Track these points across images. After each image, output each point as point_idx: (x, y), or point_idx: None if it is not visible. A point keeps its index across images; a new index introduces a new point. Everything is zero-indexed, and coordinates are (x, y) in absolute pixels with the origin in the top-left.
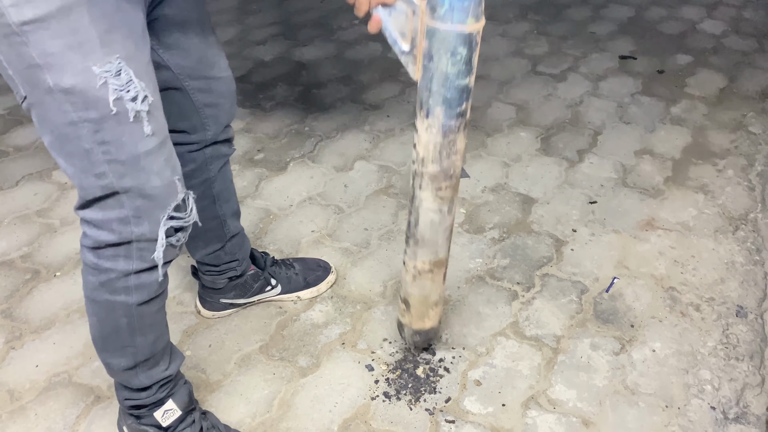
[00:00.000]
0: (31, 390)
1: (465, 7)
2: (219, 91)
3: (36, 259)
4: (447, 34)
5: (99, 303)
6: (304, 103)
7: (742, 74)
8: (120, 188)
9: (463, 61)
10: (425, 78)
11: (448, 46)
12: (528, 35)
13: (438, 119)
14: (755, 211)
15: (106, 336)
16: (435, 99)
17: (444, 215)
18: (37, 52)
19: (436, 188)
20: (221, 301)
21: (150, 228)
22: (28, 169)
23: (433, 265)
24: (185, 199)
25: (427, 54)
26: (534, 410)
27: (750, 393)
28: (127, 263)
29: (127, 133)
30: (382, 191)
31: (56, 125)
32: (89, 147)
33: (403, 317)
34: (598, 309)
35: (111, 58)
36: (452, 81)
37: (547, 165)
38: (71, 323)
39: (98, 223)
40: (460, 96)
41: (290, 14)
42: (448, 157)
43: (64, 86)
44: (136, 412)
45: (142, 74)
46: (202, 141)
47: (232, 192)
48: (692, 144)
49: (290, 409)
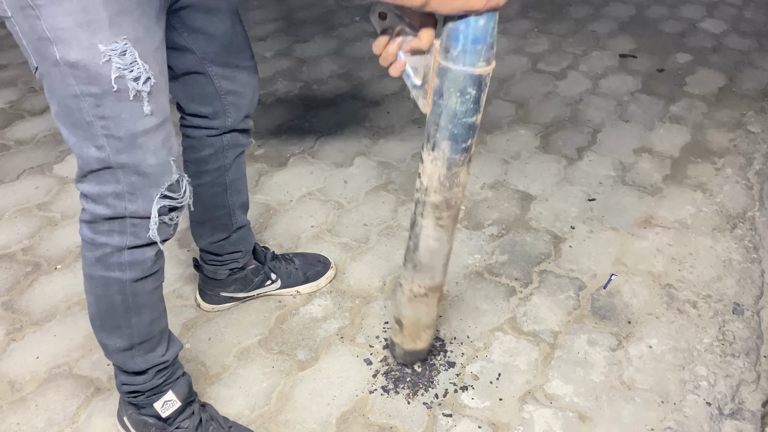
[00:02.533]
0: (31, 381)
1: (477, 50)
2: (242, 79)
3: (37, 252)
4: (458, 74)
5: (95, 279)
6: (304, 99)
7: (741, 73)
8: (116, 163)
9: (471, 100)
10: (434, 113)
11: (458, 86)
12: (528, 33)
13: (444, 153)
14: (753, 210)
15: (103, 314)
16: (442, 134)
17: (443, 243)
18: (47, 26)
19: (437, 217)
20: (221, 294)
21: (143, 205)
22: (29, 163)
23: (428, 290)
24: (179, 180)
25: (437, 91)
26: (531, 405)
27: (745, 389)
28: (121, 238)
29: (126, 110)
30: (381, 187)
31: (61, 96)
32: (90, 120)
33: (396, 337)
34: (596, 305)
35: (118, 38)
36: (460, 118)
37: (547, 162)
38: (72, 315)
39: (95, 197)
40: (467, 132)
41: (291, 10)
42: (450, 189)
43: (69, 60)
44: (134, 400)
45: (148, 57)
46: (221, 127)
47: (244, 184)
48: (691, 142)
49: (289, 402)
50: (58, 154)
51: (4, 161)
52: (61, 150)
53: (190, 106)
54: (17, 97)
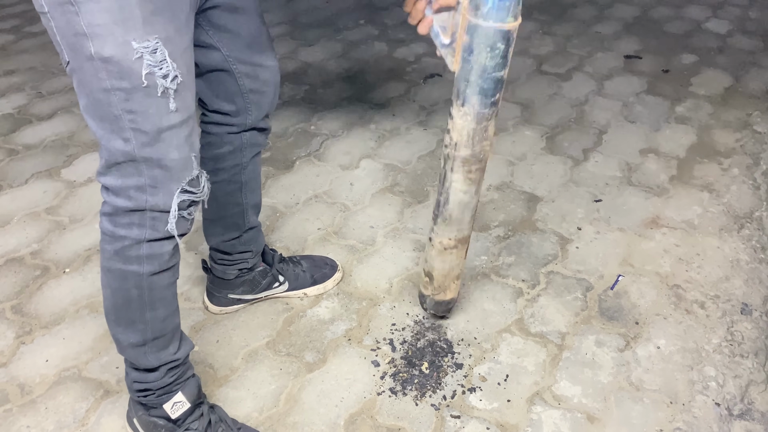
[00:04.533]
0: (41, 384)
1: (506, 6)
2: (264, 78)
3: (45, 255)
4: (488, 30)
5: (113, 272)
6: (310, 103)
7: (747, 73)
8: (140, 156)
9: (501, 55)
10: (464, 69)
11: (488, 42)
12: (533, 35)
13: (474, 107)
14: (760, 210)
15: (119, 308)
16: (472, 89)
17: (471, 195)
18: (85, 22)
19: (466, 171)
20: (229, 296)
21: (164, 199)
22: (38, 167)
23: (458, 242)
24: (199, 176)
25: (467, 48)
26: (539, 406)
27: (755, 390)
28: (140, 231)
29: (153, 106)
30: (387, 189)
31: (92, 90)
32: (118, 113)
33: (426, 289)
34: (603, 306)
35: (150, 37)
36: (490, 73)
37: (552, 163)
38: (80, 318)
39: (117, 189)
40: (495, 86)
41: (296, 14)
42: (480, 143)
43: (104, 55)
44: (144, 399)
45: (177, 57)
46: (242, 125)
47: (258, 184)
48: (697, 143)
49: (297, 403)
50: (66, 158)
51: (12, 166)
52: (69, 154)
53: (214, 103)
54: (25, 102)
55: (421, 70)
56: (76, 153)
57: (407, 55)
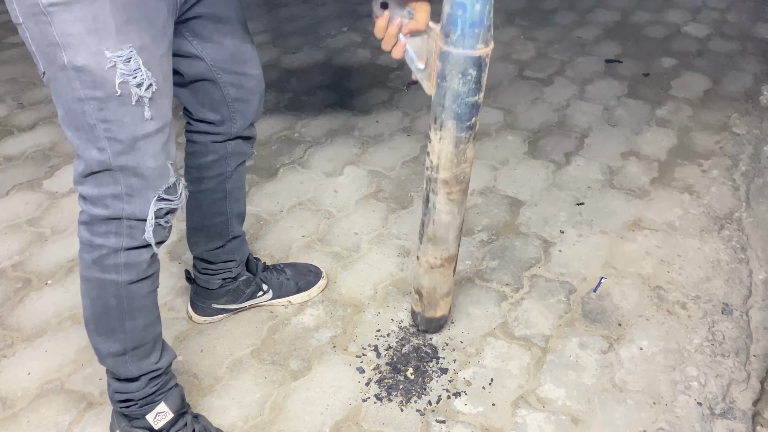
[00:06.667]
0: (23, 397)
1: (475, 33)
2: (249, 87)
3: (27, 267)
4: (459, 56)
5: (91, 281)
6: (293, 110)
7: (725, 76)
8: (116, 165)
9: (473, 81)
10: (438, 95)
11: (459, 68)
12: (515, 40)
13: (450, 131)
14: (740, 210)
15: (98, 317)
16: (447, 114)
17: (454, 215)
18: (58, 32)
19: (447, 192)
20: (213, 306)
21: (140, 207)
22: (19, 179)
23: (444, 260)
24: (176, 183)
25: (440, 74)
26: (524, 409)
27: (736, 389)
28: (117, 239)
29: (128, 114)
30: (371, 195)
31: (66, 99)
32: (93, 123)
33: (417, 306)
34: (586, 308)
35: (124, 46)
36: (463, 98)
37: (535, 168)
38: (63, 330)
39: (93, 198)
40: (470, 111)
41: (279, 22)
42: (458, 165)
43: (76, 64)
44: (127, 410)
45: (152, 65)
46: (227, 134)
47: (242, 193)
48: (677, 145)
49: (282, 412)
50: (48, 169)
51: None
52: (51, 165)
53: (199, 112)
54: (6, 113)
55: (404, 77)
56: (57, 164)
57: (390, 62)
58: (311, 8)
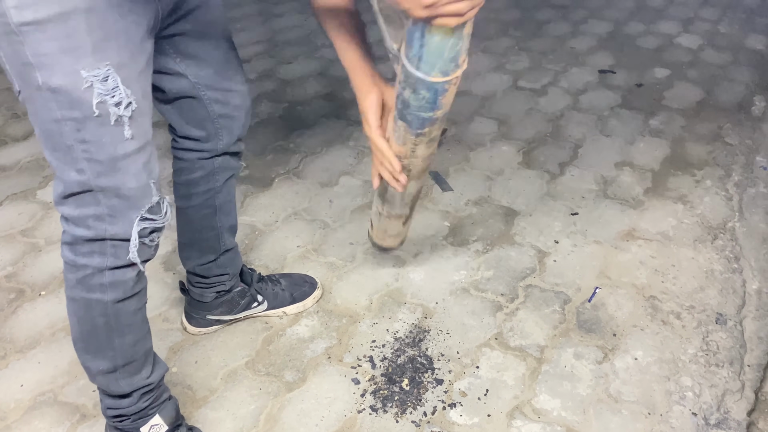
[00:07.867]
0: (16, 409)
1: (431, 62)
2: (234, 103)
3: (21, 278)
4: (412, 74)
5: (77, 301)
6: (288, 120)
7: (718, 87)
8: (96, 186)
9: (425, 101)
10: (398, 91)
11: (411, 85)
12: (509, 51)
13: (400, 129)
14: (733, 220)
15: (86, 336)
16: (400, 114)
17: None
18: (31, 52)
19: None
20: (207, 317)
21: (123, 228)
22: (12, 189)
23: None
24: (160, 202)
25: (399, 77)
26: (519, 420)
27: (730, 399)
28: (101, 259)
29: (107, 134)
30: (366, 206)
31: (43, 120)
32: (70, 144)
33: (371, 230)
34: (581, 319)
35: (101, 64)
36: (413, 110)
37: (529, 178)
38: (56, 342)
39: (75, 219)
40: (422, 123)
41: (274, 32)
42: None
43: (51, 85)
44: (120, 425)
45: (131, 82)
46: (213, 150)
47: (233, 207)
48: (671, 155)
49: (277, 423)
50: (42, 179)
51: None
52: (45, 175)
53: (183, 129)
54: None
55: None
56: (51, 174)
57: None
58: (306, 18)
